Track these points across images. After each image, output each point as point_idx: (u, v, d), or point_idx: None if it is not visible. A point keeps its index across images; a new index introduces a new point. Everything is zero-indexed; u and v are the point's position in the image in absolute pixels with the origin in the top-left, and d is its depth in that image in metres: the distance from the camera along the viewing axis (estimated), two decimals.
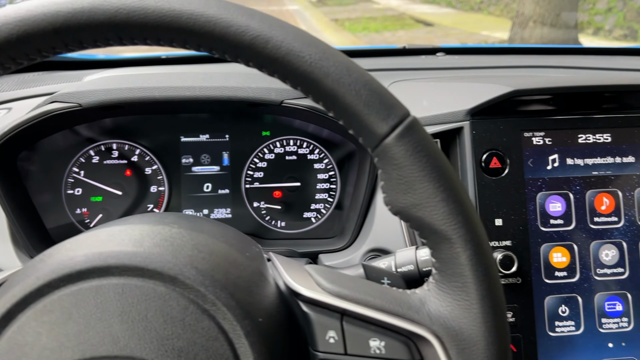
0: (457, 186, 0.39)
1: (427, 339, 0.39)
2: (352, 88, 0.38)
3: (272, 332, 0.38)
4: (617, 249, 0.73)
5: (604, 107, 0.74)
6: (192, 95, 0.71)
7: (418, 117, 0.76)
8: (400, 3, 13.29)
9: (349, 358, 0.40)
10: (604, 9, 8.19)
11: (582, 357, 0.71)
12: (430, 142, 0.39)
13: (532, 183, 0.72)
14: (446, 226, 0.38)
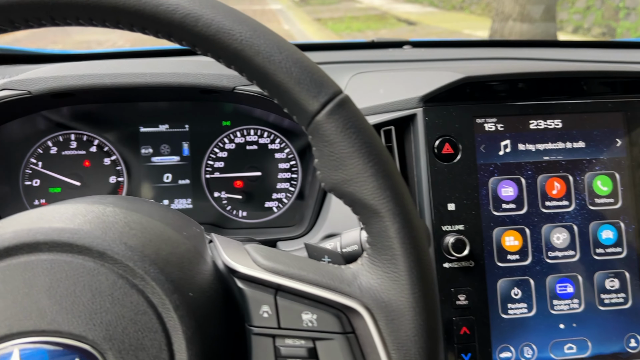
0: (387, 162, 0.40)
1: (357, 311, 0.40)
2: (283, 65, 0.39)
3: (203, 307, 0.38)
4: (568, 232, 0.74)
5: (555, 93, 0.76)
6: (142, 81, 0.71)
7: (374, 105, 0.77)
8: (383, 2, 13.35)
9: (282, 331, 0.40)
10: (583, 7, 8.29)
11: (534, 338, 0.72)
12: (360, 119, 0.40)
13: (484, 168, 0.73)
14: (375, 201, 0.39)
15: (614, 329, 0.74)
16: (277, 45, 0.39)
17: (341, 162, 0.40)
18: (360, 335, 0.40)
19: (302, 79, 0.39)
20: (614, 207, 0.75)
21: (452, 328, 0.70)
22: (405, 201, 0.40)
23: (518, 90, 0.75)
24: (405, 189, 0.41)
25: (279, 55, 0.39)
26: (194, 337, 0.37)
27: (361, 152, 0.39)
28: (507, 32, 6.43)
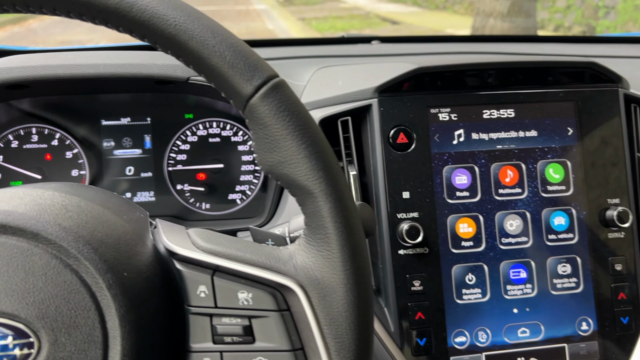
0: (320, 143, 0.41)
1: (291, 289, 0.41)
2: (217, 50, 0.40)
3: (138, 286, 0.39)
4: (521, 219, 0.76)
5: (508, 84, 0.78)
6: (95, 72, 0.72)
7: (332, 97, 0.78)
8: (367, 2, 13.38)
9: (219, 310, 0.41)
10: (564, 6, 8.39)
11: (489, 323, 0.74)
12: (294, 102, 0.41)
13: (438, 157, 0.75)
14: (309, 181, 0.40)
15: (566, 313, 0.76)
16: (210, 29, 0.40)
17: (275, 144, 0.41)
18: (295, 312, 0.41)
19: (235, 63, 0.40)
20: (566, 194, 0.77)
21: (407, 314, 0.72)
22: (338, 181, 0.41)
23: (471, 81, 0.77)
24: (339, 170, 0.42)
25: (212, 40, 0.40)
26: (127, 315, 0.37)
27: (294, 134, 0.40)
28: (488, 31, 6.49)
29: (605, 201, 0.77)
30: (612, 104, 0.78)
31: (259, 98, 0.40)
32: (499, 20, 6.45)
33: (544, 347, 0.75)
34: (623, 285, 0.76)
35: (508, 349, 0.74)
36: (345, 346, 0.40)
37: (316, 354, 0.40)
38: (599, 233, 0.77)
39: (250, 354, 0.41)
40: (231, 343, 0.41)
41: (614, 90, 0.79)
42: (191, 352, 0.41)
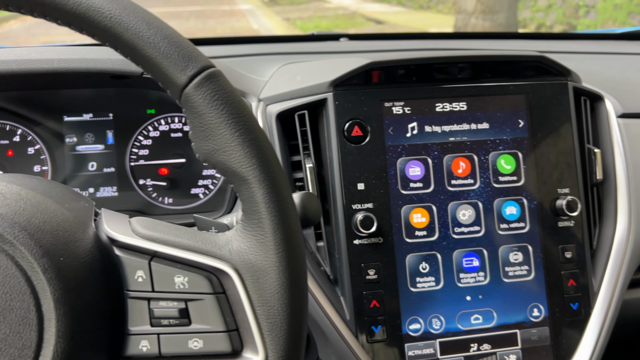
0: (254, 131, 0.43)
1: (226, 273, 0.42)
2: (151, 41, 0.41)
3: (75, 271, 0.41)
4: (473, 209, 0.78)
5: (460, 77, 0.80)
6: (49, 67, 0.73)
7: (290, 91, 0.80)
8: (352, 2, 13.41)
9: (156, 294, 0.43)
10: (545, 6, 8.47)
11: (442, 310, 0.76)
12: (229, 91, 0.43)
13: (392, 149, 0.77)
14: (243, 168, 0.42)
15: (518, 300, 0.78)
16: (145, 21, 0.42)
17: (210, 132, 0.42)
18: (230, 294, 0.43)
19: (170, 54, 0.42)
20: (517, 185, 0.79)
21: (362, 302, 0.74)
22: (272, 168, 0.43)
23: (424, 75, 0.79)
24: (273, 157, 0.44)
25: (147, 31, 0.41)
26: (62, 299, 0.39)
27: (228, 122, 0.42)
28: (470, 29, 6.54)
29: (555, 191, 0.79)
30: (561, 97, 0.81)
31: (193, 87, 0.42)
32: (480, 19, 6.51)
33: (497, 333, 0.77)
34: (573, 272, 0.79)
35: (461, 336, 0.76)
36: (277, 326, 0.41)
37: (249, 334, 0.42)
38: (549, 222, 0.79)
39: (186, 335, 0.42)
40: (168, 325, 0.42)
41: (563, 83, 0.81)
42: (129, 335, 0.42)
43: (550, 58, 0.79)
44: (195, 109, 0.42)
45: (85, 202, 0.50)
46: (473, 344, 0.76)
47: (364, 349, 0.73)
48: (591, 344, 0.77)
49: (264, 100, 0.81)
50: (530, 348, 0.77)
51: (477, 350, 0.76)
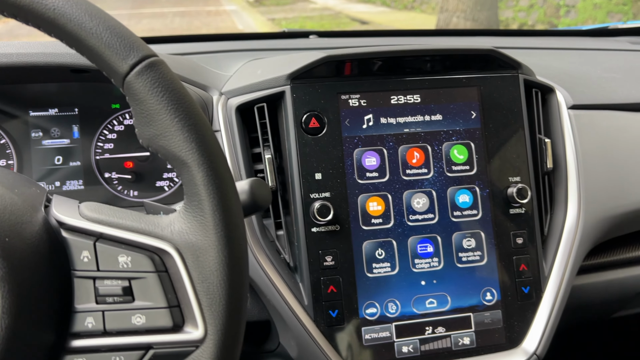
0: (193, 117, 0.45)
1: (168, 252, 0.45)
2: (94, 32, 0.44)
3: (21, 252, 0.43)
4: (427, 197, 0.81)
5: (414, 71, 0.83)
6: (8, 61, 0.74)
7: (249, 84, 0.82)
8: (337, 2, 13.44)
9: (101, 273, 0.45)
10: (527, 5, 8.56)
11: (398, 294, 0.79)
12: (169, 79, 0.45)
13: (349, 141, 0.79)
14: (182, 152, 0.44)
15: (471, 284, 0.81)
16: (88, 12, 0.44)
17: (151, 118, 0.44)
18: (171, 272, 0.45)
19: (112, 44, 0.44)
20: (470, 174, 0.82)
21: (320, 288, 0.76)
22: (211, 151, 0.45)
23: (379, 68, 0.82)
24: (213, 141, 0.46)
25: (90, 22, 0.44)
26: (7, 277, 0.41)
27: (168, 108, 0.44)
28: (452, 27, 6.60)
29: (507, 179, 0.82)
30: (512, 89, 0.84)
31: (134, 75, 0.44)
32: (461, 18, 6.58)
33: (451, 316, 0.80)
34: (524, 257, 0.82)
35: (416, 319, 0.79)
36: (216, 301, 0.44)
37: (190, 310, 0.44)
38: (501, 209, 0.82)
39: (129, 312, 0.44)
40: (112, 303, 0.44)
41: (514, 75, 0.84)
42: (76, 312, 0.44)
43: (500, 51, 0.83)
44: (136, 96, 0.44)
45: (37, 188, 0.52)
46: (428, 327, 0.79)
47: (322, 333, 0.76)
48: (542, 326, 0.81)
49: (225, 94, 0.84)
50: (484, 331, 0.80)
51: (432, 333, 0.79)
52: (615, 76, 1.04)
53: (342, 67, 0.80)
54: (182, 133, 0.44)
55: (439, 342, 0.79)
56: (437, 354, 0.79)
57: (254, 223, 0.77)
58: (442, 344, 0.79)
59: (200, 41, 1.26)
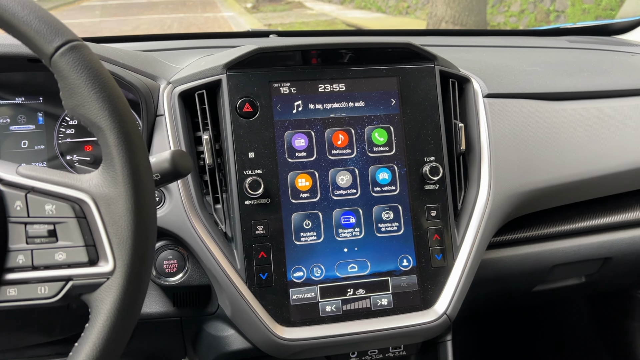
0: (108, 89, 0.55)
1: (86, 201, 0.54)
2: (25, 20, 0.53)
3: None
4: (350, 174, 0.91)
5: (340, 62, 0.93)
6: None
7: (191, 74, 0.92)
8: (333, 9, 13.57)
9: (30, 219, 0.55)
10: (517, 11, 8.68)
11: (322, 260, 0.89)
12: (89, 59, 0.55)
13: (280, 124, 0.89)
14: (98, 119, 0.54)
15: (389, 252, 0.90)
16: (20, 3, 0.54)
17: (73, 91, 0.54)
18: (89, 218, 0.55)
19: (39, 29, 0.54)
20: (389, 154, 0.92)
21: (251, 253, 0.86)
22: (122, 118, 0.55)
23: (307, 60, 0.92)
24: (125, 110, 0.56)
25: (21, 12, 0.53)
26: None
27: (86, 82, 0.54)
28: None
29: (422, 159, 0.92)
30: (429, 79, 0.94)
31: (59, 55, 0.54)
32: (450, 23, 6.69)
33: (370, 280, 0.90)
34: (437, 228, 0.92)
35: (339, 282, 0.89)
36: (124, 241, 0.54)
37: (102, 248, 0.54)
38: (416, 185, 0.92)
39: (53, 250, 0.54)
40: (39, 243, 0.54)
41: (430, 67, 0.94)
42: (9, 251, 0.54)
43: (416, 45, 0.93)
44: (61, 72, 0.54)
45: None
46: (349, 289, 0.89)
47: (253, 293, 0.85)
48: (452, 289, 0.90)
49: (172, 83, 0.93)
50: (400, 293, 0.90)
51: (353, 294, 0.89)
52: (537, 69, 1.14)
53: (274, 58, 0.90)
54: (97, 103, 0.54)
55: (359, 302, 0.89)
56: (357, 313, 0.88)
57: (194, 198, 0.87)
58: (362, 304, 0.89)
59: (169, 39, 1.37)
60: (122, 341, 0.54)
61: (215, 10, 13.60)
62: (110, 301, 0.53)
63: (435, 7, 6.79)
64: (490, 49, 1.37)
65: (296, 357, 0.88)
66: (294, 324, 0.86)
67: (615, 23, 1.59)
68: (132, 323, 0.55)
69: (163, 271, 0.88)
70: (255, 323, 0.85)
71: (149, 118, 0.89)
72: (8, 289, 0.54)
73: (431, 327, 0.89)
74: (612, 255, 1.10)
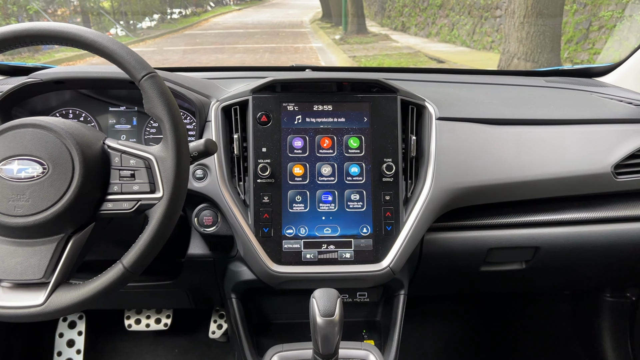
0: (168, 99, 1.01)
1: (151, 159, 1.00)
2: (124, 58, 1.01)
3: (89, 154, 1.00)
4: (331, 167, 1.32)
5: (328, 90, 1.35)
6: (97, 76, 1.35)
7: (231, 95, 1.39)
8: (418, 42, 13.92)
9: (122, 167, 1.01)
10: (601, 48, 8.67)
11: (307, 223, 1.30)
12: (160, 83, 1.01)
13: (285, 130, 1.33)
14: (161, 115, 1.00)
15: (354, 222, 1.31)
16: (119, 46, 1.01)
17: (149, 100, 1.01)
18: (152, 168, 1.00)
19: (133, 64, 1.00)
20: (359, 155, 1.33)
21: (259, 215, 1.29)
22: (173, 116, 1.00)
23: (307, 88, 1.35)
24: (176, 112, 1.01)
25: (121, 51, 1.01)
26: (82, 165, 0.97)
27: (157, 95, 1.00)
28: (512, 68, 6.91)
29: (382, 160, 1.32)
30: (392, 104, 1.34)
31: (143, 81, 1.00)
32: (522, 60, 6.89)
33: (339, 239, 1.30)
34: (389, 208, 1.31)
35: (317, 239, 1.30)
36: (168, 181, 0.98)
37: (157, 184, 0.99)
38: (377, 178, 1.32)
39: (132, 184, 0.99)
40: (125, 180, 1.00)
41: (393, 96, 1.35)
42: (110, 184, 1.00)
43: (383, 81, 1.33)
44: (144, 90, 1.01)
45: (100, 134, 1.09)
46: (324, 245, 1.30)
47: (258, 241, 1.28)
48: (396, 251, 1.28)
49: (219, 101, 1.40)
50: (360, 250, 1.30)
51: (326, 248, 1.30)
52: (493, 102, 1.51)
53: (285, 86, 1.35)
54: (161, 107, 1.00)
55: (330, 254, 1.29)
56: (328, 260, 1.29)
57: (225, 177, 1.32)
58: (332, 255, 1.29)
59: (229, 71, 1.86)
60: (164, 237, 0.99)
61: (305, 42, 14.38)
62: (159, 213, 0.98)
63: (508, 44, 7.01)
64: (470, 85, 1.74)
65: (283, 286, 1.30)
66: (284, 263, 1.29)
67: (595, 67, 1.90)
68: (170, 227, 0.99)
69: (203, 223, 1.33)
70: (258, 261, 1.28)
71: (201, 122, 1.36)
72: (107, 204, 1.00)
73: (379, 274, 1.28)
74: (540, 245, 1.43)
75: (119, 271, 0.94)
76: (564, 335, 2.00)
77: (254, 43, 14.08)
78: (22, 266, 0.93)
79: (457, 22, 13.27)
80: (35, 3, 12.97)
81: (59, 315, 0.93)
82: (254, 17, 21.40)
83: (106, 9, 16.43)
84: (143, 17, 18.03)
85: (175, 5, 20.15)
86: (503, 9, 11.41)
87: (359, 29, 14.85)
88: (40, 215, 0.92)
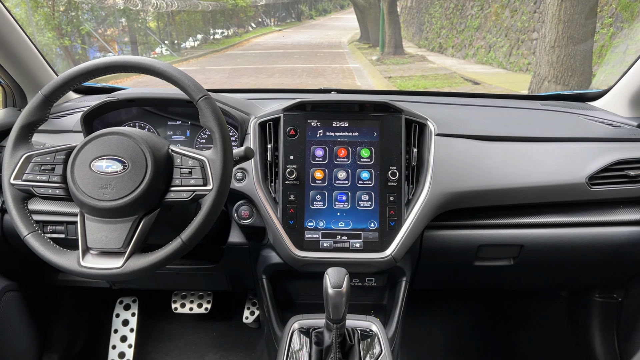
0: (218, 117, 1.33)
1: (205, 160, 1.32)
2: (184, 83, 1.33)
3: (157, 156, 1.32)
4: (346, 172, 1.61)
5: (346, 110, 1.65)
6: (159, 97, 1.68)
7: (266, 113, 1.71)
8: (454, 63, 14.11)
9: (183, 166, 1.33)
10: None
11: (325, 218, 1.59)
12: (212, 103, 1.34)
13: (309, 142, 1.63)
14: (212, 127, 1.32)
15: (363, 218, 1.59)
16: (180, 73, 1.33)
17: (204, 115, 1.33)
18: (204, 167, 1.31)
19: (192, 88, 1.32)
20: (370, 163, 1.61)
21: (287, 210, 1.59)
22: (221, 129, 1.31)
23: (329, 108, 1.65)
24: (224, 126, 1.32)
25: (182, 78, 1.33)
26: (152, 164, 1.29)
27: (211, 114, 1.32)
28: (543, 91, 7.08)
29: (388, 167, 1.61)
30: (398, 122, 1.63)
31: (200, 101, 1.32)
32: (552, 83, 7.06)
33: (351, 232, 1.59)
34: (393, 207, 1.59)
35: (333, 231, 1.59)
36: (217, 177, 1.29)
37: (208, 179, 1.30)
38: (384, 182, 1.60)
39: (189, 178, 1.31)
40: (184, 175, 1.31)
41: (399, 115, 1.63)
42: (173, 178, 1.32)
43: (390, 102, 1.62)
44: (201, 108, 1.33)
45: (166, 140, 1.42)
46: (338, 236, 1.58)
47: (285, 232, 1.58)
48: (397, 242, 1.56)
49: (257, 117, 1.71)
50: (367, 241, 1.58)
51: (340, 239, 1.58)
52: (487, 122, 1.78)
53: (311, 106, 1.65)
54: (213, 121, 1.31)
55: (343, 243, 1.58)
56: (341, 249, 1.58)
57: (260, 179, 1.62)
58: (345, 244, 1.58)
59: (265, 92, 2.18)
60: (212, 219, 1.28)
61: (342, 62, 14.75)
62: (209, 201, 1.28)
63: (539, 67, 7.19)
64: (470, 107, 2.01)
65: (304, 268, 1.59)
66: (305, 250, 1.58)
67: (589, 92, 2.14)
68: (217, 212, 1.29)
69: (241, 216, 1.64)
70: (285, 248, 1.58)
71: (242, 134, 1.68)
72: (170, 194, 1.31)
73: (383, 261, 1.55)
74: (524, 244, 1.68)
75: (178, 244, 1.25)
76: (558, 332, 2.22)
77: (292, 63, 14.51)
78: (107, 238, 1.25)
79: (494, 44, 13.41)
80: (87, 24, 13.81)
81: (133, 276, 1.24)
82: (294, 37, 22.02)
83: (152, 29, 17.25)
84: (187, 37, 18.83)
85: (218, 26, 20.94)
86: (540, 32, 11.51)
87: (396, 50, 15.13)
88: (121, 201, 1.24)
